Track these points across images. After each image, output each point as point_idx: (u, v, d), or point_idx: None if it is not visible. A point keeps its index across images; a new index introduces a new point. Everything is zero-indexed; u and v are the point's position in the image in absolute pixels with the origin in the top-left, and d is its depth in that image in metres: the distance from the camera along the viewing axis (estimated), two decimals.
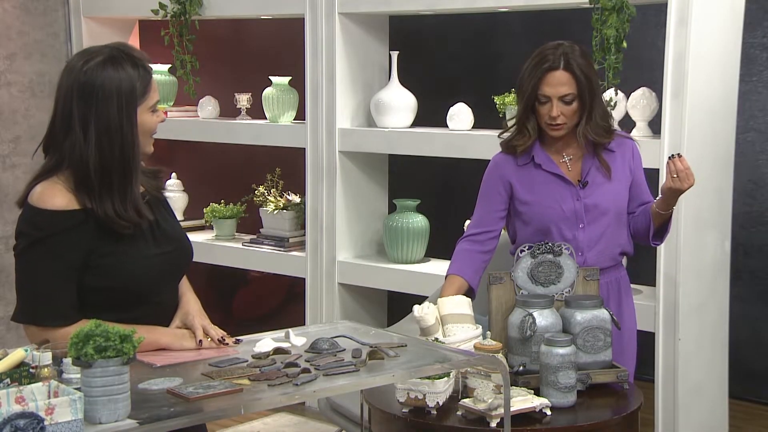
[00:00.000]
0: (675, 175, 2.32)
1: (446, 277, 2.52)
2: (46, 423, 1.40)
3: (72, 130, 1.86)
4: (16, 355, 1.64)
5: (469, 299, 2.34)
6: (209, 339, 1.98)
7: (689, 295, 3.08)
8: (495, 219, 2.51)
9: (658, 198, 2.43)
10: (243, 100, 4.24)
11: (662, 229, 2.46)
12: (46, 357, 1.65)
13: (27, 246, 1.87)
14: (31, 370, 1.61)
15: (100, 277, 1.90)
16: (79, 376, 1.55)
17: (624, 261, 2.64)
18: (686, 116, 3.01)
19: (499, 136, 2.53)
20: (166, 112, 4.25)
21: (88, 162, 1.85)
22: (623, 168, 2.48)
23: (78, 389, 1.50)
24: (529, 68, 2.40)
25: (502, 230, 2.56)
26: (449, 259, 3.83)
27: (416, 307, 2.27)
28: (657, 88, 3.17)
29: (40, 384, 1.52)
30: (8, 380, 1.58)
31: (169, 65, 4.31)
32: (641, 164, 2.54)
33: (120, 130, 1.86)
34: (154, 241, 1.97)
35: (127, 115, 1.87)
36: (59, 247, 1.86)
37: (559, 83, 2.36)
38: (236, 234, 4.35)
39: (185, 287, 2.08)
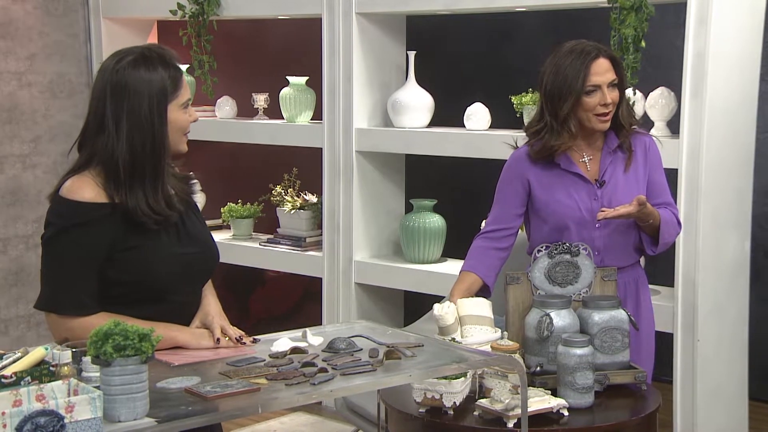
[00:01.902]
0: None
1: (459, 273, 2.51)
2: (66, 421, 1.41)
3: (105, 127, 1.92)
4: (37, 353, 1.66)
5: (490, 302, 2.33)
6: (227, 338, 1.99)
7: (708, 295, 3.06)
8: (512, 216, 2.50)
9: None
10: (260, 100, 4.25)
11: (655, 239, 2.43)
12: (66, 355, 1.67)
13: (52, 235, 1.92)
14: (51, 368, 1.63)
15: (121, 271, 1.92)
16: (98, 374, 1.56)
17: (642, 261, 2.62)
18: (705, 116, 2.98)
19: (530, 145, 2.46)
20: None
21: (119, 156, 1.90)
22: (639, 165, 2.47)
23: (97, 387, 1.51)
24: (569, 65, 2.36)
25: (520, 230, 2.55)
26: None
27: (436, 306, 2.27)
28: (676, 87, 3.15)
29: (60, 382, 1.54)
30: (29, 378, 1.59)
31: (187, 65, 4.32)
32: (659, 161, 2.51)
33: (151, 125, 1.92)
34: (178, 241, 1.99)
35: (158, 112, 1.92)
36: (83, 238, 1.89)
37: (605, 70, 2.37)
38: (253, 233, 4.36)
39: (207, 290, 2.10)
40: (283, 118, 4.15)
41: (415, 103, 3.74)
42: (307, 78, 4.07)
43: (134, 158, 1.91)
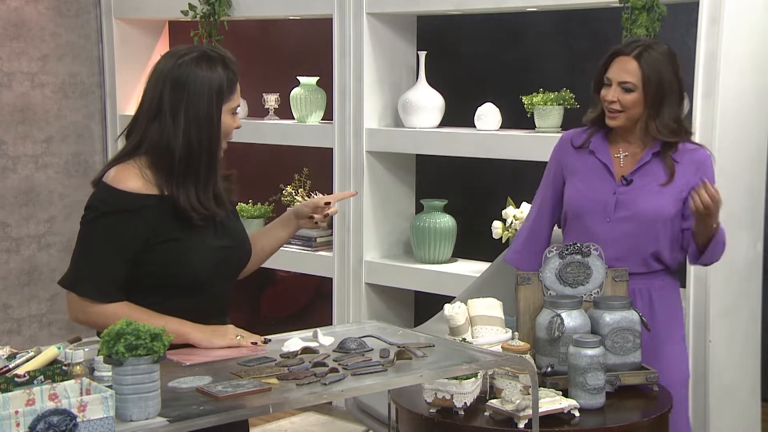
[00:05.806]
0: (700, 209, 2.22)
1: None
2: (78, 420, 1.42)
3: (160, 116, 1.93)
4: (50, 352, 1.67)
5: (500, 302, 2.33)
6: (242, 337, 1.99)
7: (720, 297, 3.05)
8: (548, 218, 2.51)
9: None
10: (271, 100, 4.26)
11: (705, 248, 2.35)
12: (78, 355, 1.68)
13: (92, 218, 1.93)
14: (63, 367, 1.64)
15: (157, 262, 1.94)
16: (110, 373, 1.57)
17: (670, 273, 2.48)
18: (717, 116, 2.97)
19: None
20: None
21: (175, 149, 1.92)
22: (681, 180, 2.39)
23: (109, 387, 1.52)
24: (606, 54, 2.41)
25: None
26: (476, 259, 3.84)
27: (447, 306, 2.28)
28: (688, 87, 3.12)
29: (73, 381, 1.55)
30: (42, 377, 1.60)
31: None
32: (711, 178, 2.39)
33: (208, 122, 1.94)
34: (215, 234, 2.01)
35: (216, 110, 1.94)
36: (120, 226, 1.91)
37: (623, 69, 2.36)
38: None
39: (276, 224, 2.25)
40: (293, 119, 4.16)
41: (426, 104, 3.74)
42: (317, 78, 4.08)
43: (190, 152, 1.92)
